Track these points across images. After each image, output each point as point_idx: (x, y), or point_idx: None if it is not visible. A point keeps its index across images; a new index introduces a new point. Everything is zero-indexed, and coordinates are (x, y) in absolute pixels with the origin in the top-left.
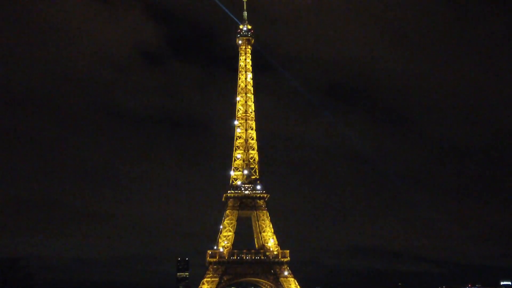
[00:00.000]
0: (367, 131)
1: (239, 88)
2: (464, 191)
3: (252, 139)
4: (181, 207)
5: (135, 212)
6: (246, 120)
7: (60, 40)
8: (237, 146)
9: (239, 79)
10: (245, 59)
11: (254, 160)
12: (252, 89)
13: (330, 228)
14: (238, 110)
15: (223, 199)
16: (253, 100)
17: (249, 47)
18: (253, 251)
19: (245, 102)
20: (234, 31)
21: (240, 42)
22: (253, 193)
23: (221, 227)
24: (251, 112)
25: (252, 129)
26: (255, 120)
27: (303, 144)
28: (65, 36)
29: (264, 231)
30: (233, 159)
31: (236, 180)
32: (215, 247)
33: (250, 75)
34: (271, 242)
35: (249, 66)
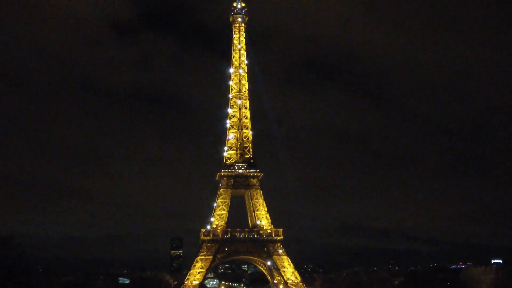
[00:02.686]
0: (349, 108)
1: (233, 67)
2: (452, 169)
3: (246, 118)
4: (170, 185)
5: (123, 190)
6: (239, 99)
7: (29, 14)
8: (230, 125)
9: (233, 57)
10: (239, 38)
11: (248, 139)
12: (245, 67)
13: (321, 207)
14: (231, 89)
15: (216, 178)
16: (247, 79)
17: (243, 25)
18: (246, 229)
19: (238, 81)
20: (211, 4)
21: (233, 20)
22: (246, 172)
23: (214, 205)
24: (245, 91)
25: (246, 108)
26: (249, 99)
27: (289, 122)
28: (34, 9)
29: (257, 210)
30: (227, 138)
31: (229, 159)
32: (208, 226)
33: (244, 54)
34: (265, 221)
35: (242, 45)
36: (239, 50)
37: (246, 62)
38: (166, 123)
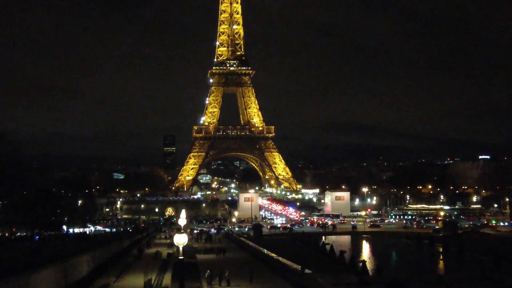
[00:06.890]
0: (332, 1)
1: None
2: (436, 64)
3: (237, 13)
4: (160, 83)
5: (110, 88)
6: None
7: None
8: (221, 21)
9: None
10: None
11: (240, 35)
12: None
13: (310, 104)
14: None
15: (208, 76)
16: None
17: None
18: (238, 127)
19: None
20: None
21: None
22: (238, 69)
23: (206, 103)
24: None
25: (237, 3)
26: None
27: (279, 18)
28: None
29: (249, 108)
30: (218, 34)
31: (221, 56)
32: (201, 123)
33: None
34: (256, 118)
35: None
36: None
37: None
38: (140, 16)
